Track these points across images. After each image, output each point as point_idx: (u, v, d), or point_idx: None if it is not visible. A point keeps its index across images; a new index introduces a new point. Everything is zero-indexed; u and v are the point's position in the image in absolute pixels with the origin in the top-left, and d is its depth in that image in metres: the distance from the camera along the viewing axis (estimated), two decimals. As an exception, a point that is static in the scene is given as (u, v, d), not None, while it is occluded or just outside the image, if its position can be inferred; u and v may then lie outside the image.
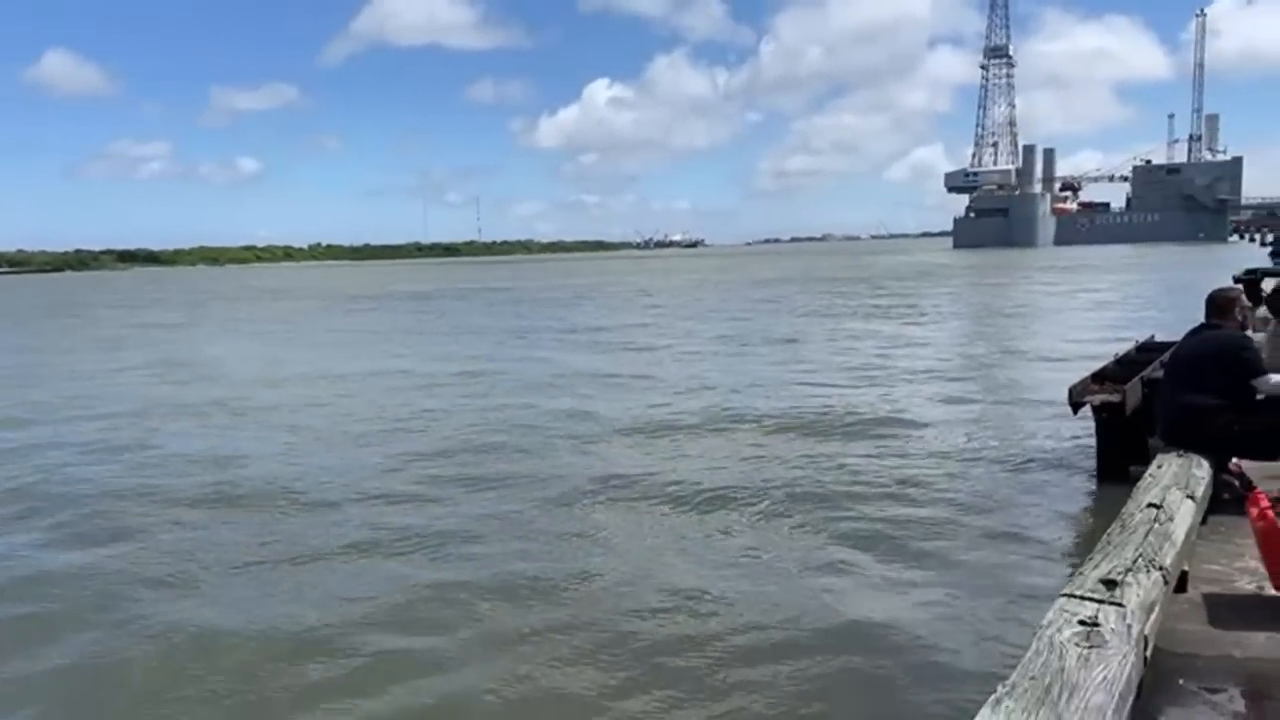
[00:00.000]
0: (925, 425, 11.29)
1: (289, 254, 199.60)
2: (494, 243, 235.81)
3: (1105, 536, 3.78)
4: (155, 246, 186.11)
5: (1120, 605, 3.04)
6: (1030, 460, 9.35)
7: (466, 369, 17.98)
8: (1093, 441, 8.72)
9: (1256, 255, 45.92)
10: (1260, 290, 17.12)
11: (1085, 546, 6.49)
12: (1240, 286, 6.28)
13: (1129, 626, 2.92)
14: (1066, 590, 3.18)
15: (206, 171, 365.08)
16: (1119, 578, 3.27)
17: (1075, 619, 2.94)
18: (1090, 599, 3.09)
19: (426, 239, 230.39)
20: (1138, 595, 3.16)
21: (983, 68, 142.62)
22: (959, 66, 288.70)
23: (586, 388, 15.01)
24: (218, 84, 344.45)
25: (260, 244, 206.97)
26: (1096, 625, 2.88)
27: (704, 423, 11.63)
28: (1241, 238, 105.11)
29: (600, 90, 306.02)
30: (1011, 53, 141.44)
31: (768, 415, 11.92)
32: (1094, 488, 8.24)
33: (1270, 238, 51.35)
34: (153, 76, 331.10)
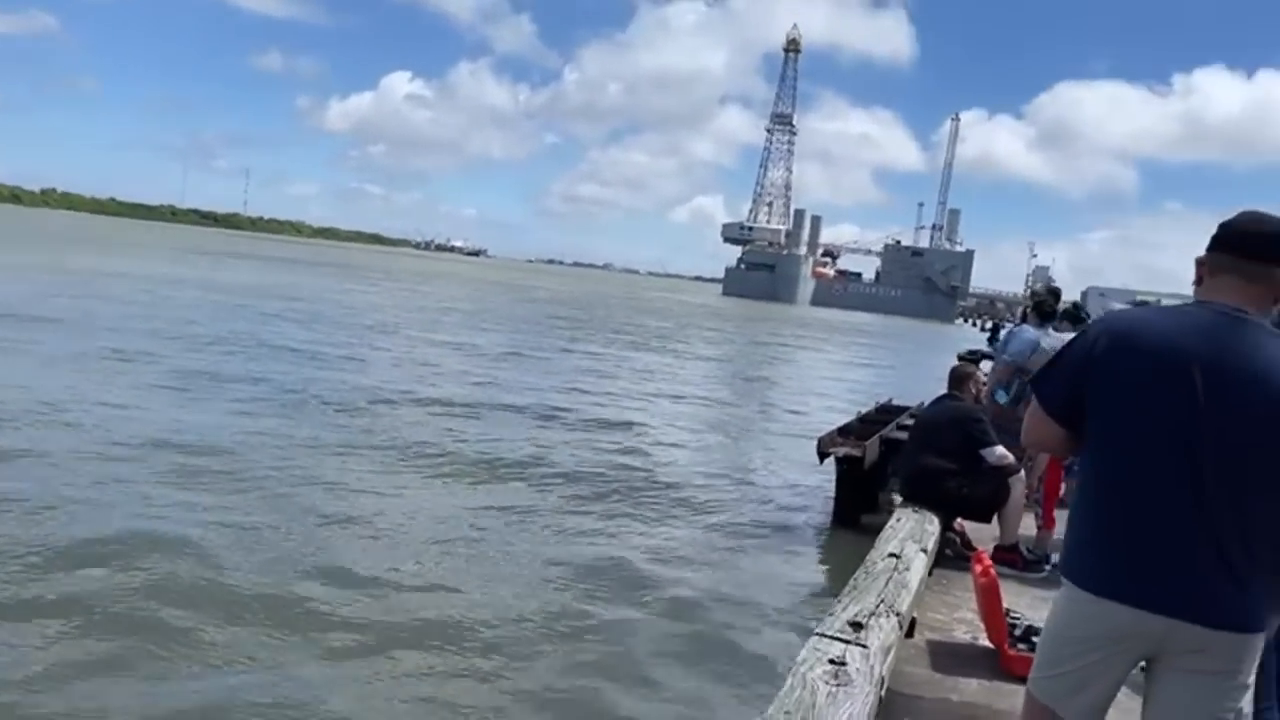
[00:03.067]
0: (674, 460, 11.68)
1: (16, 196, 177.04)
2: (261, 219, 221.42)
3: (852, 580, 4.05)
4: None
5: (864, 647, 3.25)
6: (771, 501, 9.89)
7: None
8: (827, 488, 9.42)
9: (977, 337, 51.69)
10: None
11: (824, 585, 6.99)
12: (976, 365, 7.03)
13: (871, 667, 3.12)
14: (819, 630, 3.36)
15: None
16: (864, 621, 3.50)
17: (825, 658, 3.11)
18: (839, 639, 3.28)
19: (184, 203, 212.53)
20: (879, 638, 3.39)
21: (768, 131, 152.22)
22: (744, 126, 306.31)
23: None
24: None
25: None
26: (844, 664, 3.06)
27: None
28: (966, 321, 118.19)
29: (399, 82, 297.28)
30: (795, 122, 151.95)
31: (497, 458, 11.82)
32: (828, 531, 8.84)
33: (990, 324, 58.14)
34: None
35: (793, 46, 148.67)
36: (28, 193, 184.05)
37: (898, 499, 6.57)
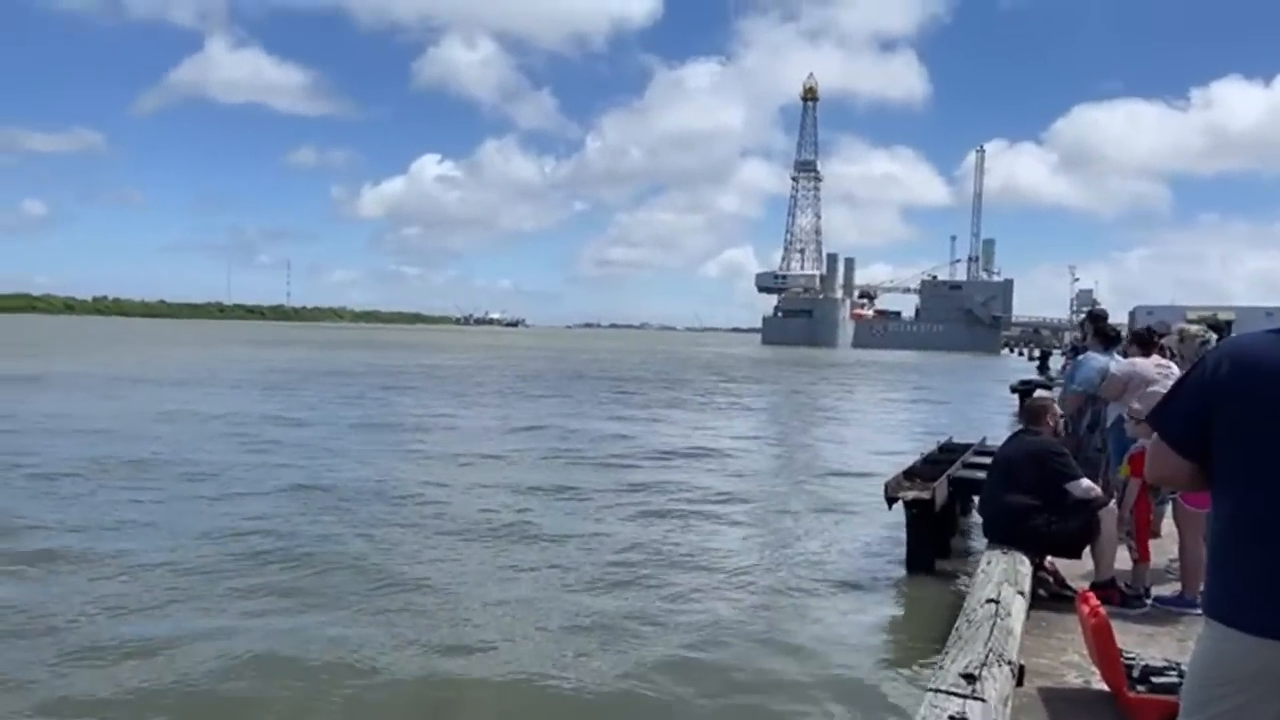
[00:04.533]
0: (739, 511, 11.57)
1: (69, 306, 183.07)
2: (304, 308, 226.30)
3: (955, 630, 3.93)
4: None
5: (983, 700, 3.14)
6: (842, 550, 9.72)
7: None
8: (896, 532, 9.23)
9: (1025, 367, 50.93)
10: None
11: (913, 633, 6.81)
12: (1052, 396, 6.86)
13: (994, 720, 3.02)
14: (932, 685, 3.25)
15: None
16: (976, 672, 3.38)
17: (945, 715, 3.00)
18: (955, 694, 3.17)
19: (230, 300, 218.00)
20: (995, 690, 3.27)
21: (793, 179, 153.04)
22: (767, 177, 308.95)
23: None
24: (9, 123, 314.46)
25: (37, 292, 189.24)
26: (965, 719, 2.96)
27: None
28: (1011, 351, 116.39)
29: (429, 165, 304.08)
30: (819, 168, 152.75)
31: (593, 485, 11.85)
32: (904, 576, 8.63)
33: (1037, 353, 57.23)
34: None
35: (810, 95, 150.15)
36: (80, 301, 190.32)
37: (975, 538, 6.41)
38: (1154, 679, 3.81)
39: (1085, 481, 5.51)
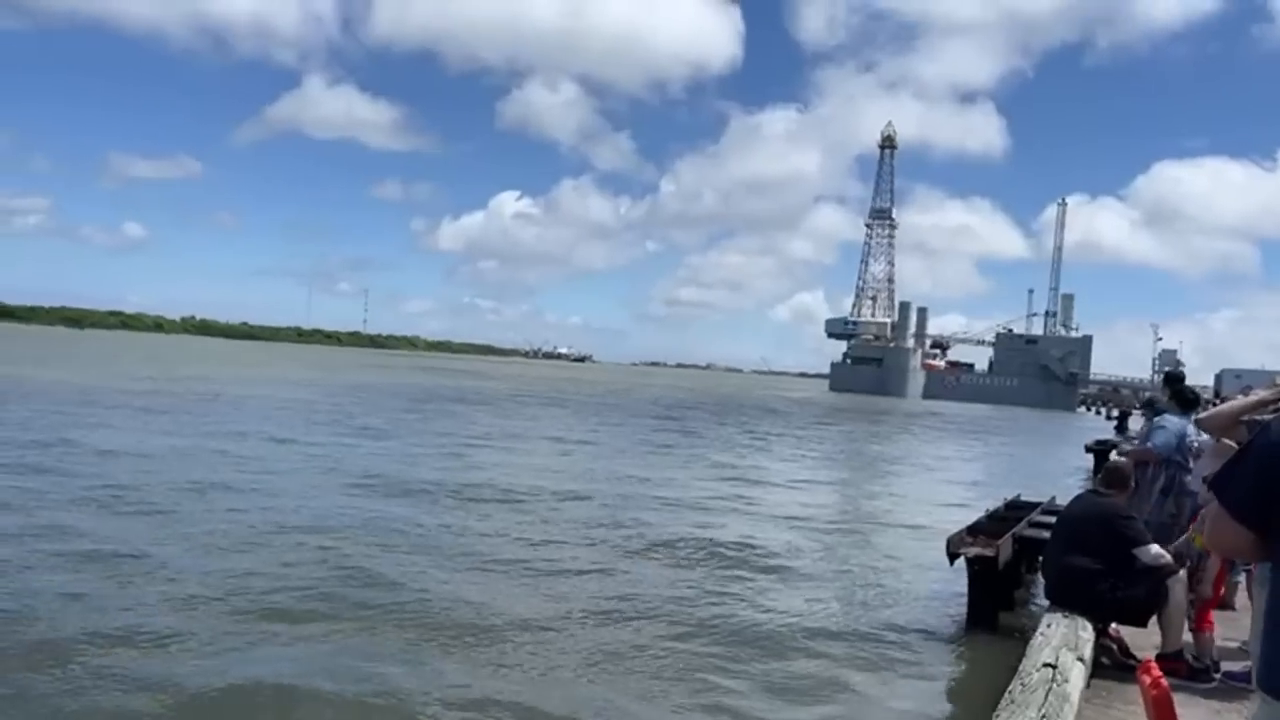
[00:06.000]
0: (800, 562, 11.43)
1: (159, 324, 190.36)
2: (379, 335, 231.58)
3: (1008, 694, 3.85)
4: (14, 302, 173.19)
5: (1034, 767, 3.08)
6: (902, 605, 9.53)
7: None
8: (958, 589, 9.00)
9: (1102, 426, 49.32)
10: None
11: (969, 692, 6.62)
12: (1130, 462, 6.67)
13: (1043, 789, 2.95)
14: (981, 748, 3.20)
15: (87, 233, 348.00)
16: (1028, 738, 3.32)
17: (992, 779, 2.96)
18: (1004, 758, 3.11)
19: (309, 324, 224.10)
20: (1047, 758, 3.20)
21: (867, 226, 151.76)
22: (840, 224, 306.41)
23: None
24: (117, 149, 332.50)
25: (130, 310, 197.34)
26: (1014, 786, 2.90)
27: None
28: (1088, 409, 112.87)
29: (507, 202, 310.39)
30: (894, 215, 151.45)
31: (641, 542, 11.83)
32: (964, 634, 8.42)
33: (1115, 412, 55.39)
34: (47, 134, 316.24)
35: (888, 143, 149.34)
36: (169, 321, 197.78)
37: (1040, 597, 6.25)
38: (1216, 756, 3.66)
39: (1155, 548, 5.34)
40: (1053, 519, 9.18)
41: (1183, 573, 5.41)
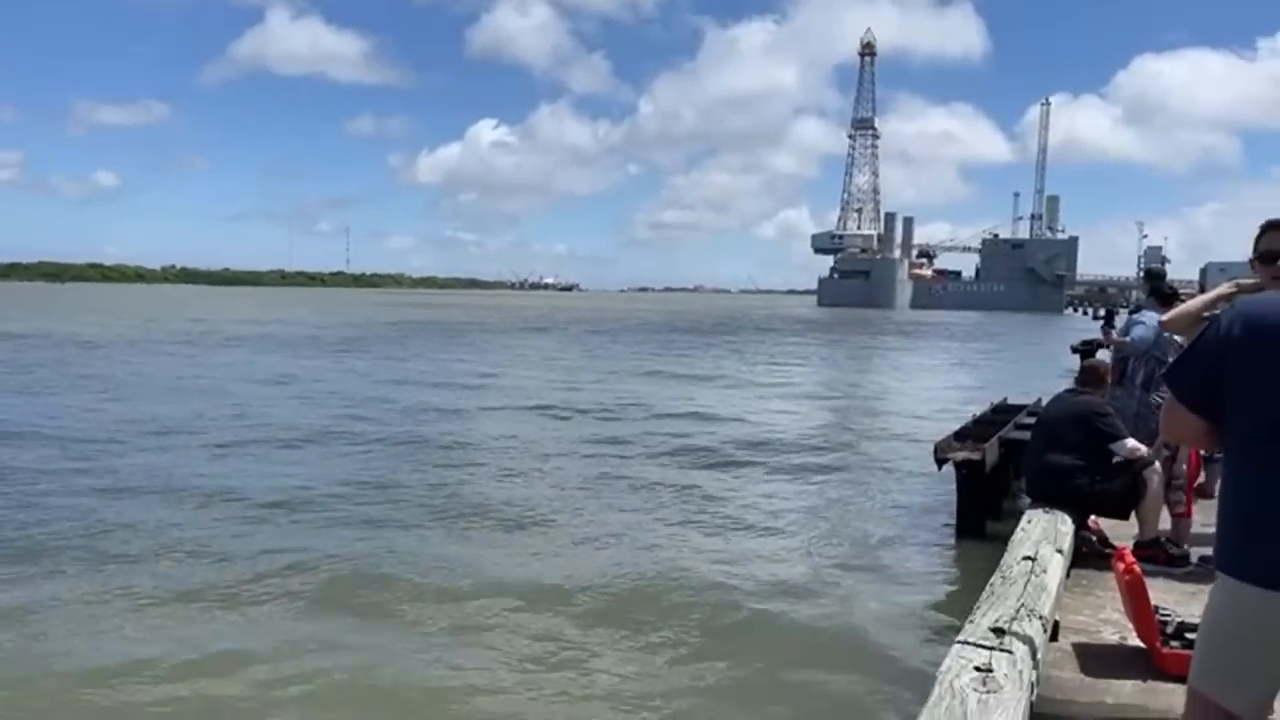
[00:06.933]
0: (793, 476, 11.67)
1: (140, 274, 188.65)
2: (363, 275, 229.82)
3: (989, 586, 3.99)
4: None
5: (1010, 652, 3.21)
6: (892, 511, 9.77)
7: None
8: (948, 494, 9.21)
9: (1089, 326, 49.66)
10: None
11: (956, 593, 6.85)
12: (1108, 357, 6.79)
13: (1019, 672, 3.08)
14: (961, 638, 3.33)
15: (58, 183, 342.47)
16: (1006, 626, 3.45)
17: (971, 665, 3.08)
18: (983, 646, 3.24)
19: (291, 267, 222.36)
20: (1024, 643, 3.34)
21: (850, 137, 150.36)
22: (823, 136, 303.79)
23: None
24: (83, 96, 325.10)
25: (109, 262, 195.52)
26: (991, 671, 3.03)
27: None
28: (1076, 310, 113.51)
29: (484, 131, 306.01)
30: (876, 125, 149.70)
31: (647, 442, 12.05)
32: (954, 539, 8.65)
33: (1102, 312, 55.79)
34: (11, 84, 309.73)
35: (868, 50, 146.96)
36: (150, 270, 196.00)
37: (1025, 500, 6.41)
38: (1188, 635, 3.83)
39: (1130, 441, 5.48)
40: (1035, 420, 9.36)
41: (1158, 464, 5.55)
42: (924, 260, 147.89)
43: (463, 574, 7.16)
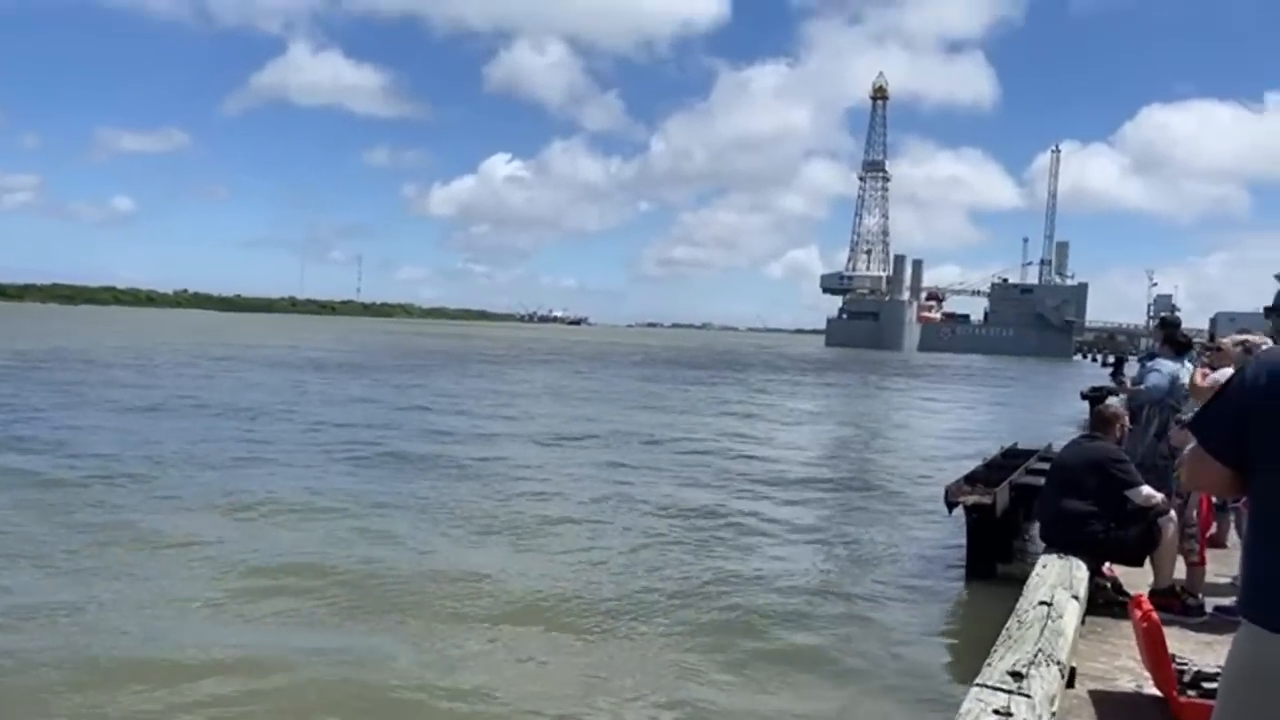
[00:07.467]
0: (802, 516, 11.64)
1: (151, 299, 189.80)
2: (374, 303, 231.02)
3: (1005, 630, 3.99)
4: (6, 280, 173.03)
5: (1029, 696, 3.22)
6: (901, 554, 9.73)
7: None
8: (956, 537, 9.18)
9: (1098, 374, 49.54)
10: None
11: (969, 636, 6.82)
12: (1121, 404, 6.81)
13: (1039, 716, 3.09)
14: (979, 680, 3.33)
15: (76, 208, 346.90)
16: (1024, 670, 3.46)
17: (990, 708, 3.09)
18: (1001, 689, 3.25)
19: (302, 294, 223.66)
20: (1042, 688, 3.34)
21: (860, 179, 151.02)
22: (833, 178, 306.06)
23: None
24: (105, 123, 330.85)
25: (122, 286, 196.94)
26: (1010, 715, 3.03)
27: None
28: (1084, 356, 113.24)
29: (498, 165, 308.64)
30: (887, 168, 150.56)
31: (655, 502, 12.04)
32: (963, 583, 8.61)
33: (1111, 359, 55.60)
34: (36, 110, 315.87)
35: (880, 94, 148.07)
36: (162, 294, 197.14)
37: (1037, 544, 6.41)
38: (1205, 684, 3.83)
39: (1146, 489, 5.48)
40: (1049, 465, 9.36)
41: (1173, 512, 5.56)
42: (933, 303, 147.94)
43: (497, 580, 7.61)
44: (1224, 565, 6.01)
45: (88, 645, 5.92)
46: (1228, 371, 6.44)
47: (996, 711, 3.06)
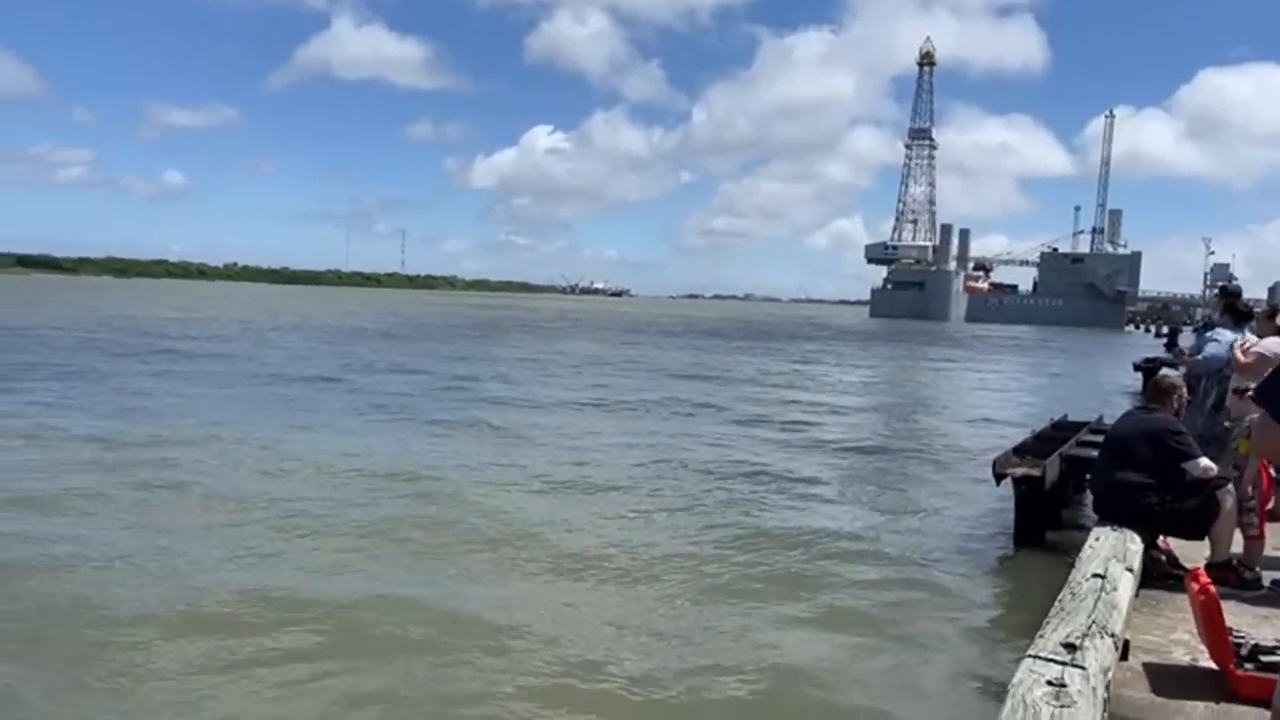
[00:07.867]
0: (847, 484, 11.66)
1: (202, 271, 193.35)
2: (417, 276, 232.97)
3: (1058, 602, 3.97)
4: (61, 254, 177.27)
5: (1082, 668, 3.20)
6: (951, 524, 9.68)
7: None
8: (1006, 505, 9.12)
9: (1151, 344, 48.50)
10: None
11: (1017, 606, 6.79)
12: (1178, 375, 6.65)
13: (1093, 689, 3.08)
14: (1032, 651, 3.33)
15: (128, 182, 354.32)
16: (1078, 642, 3.44)
17: (1043, 679, 3.09)
18: (1055, 660, 3.24)
19: (348, 267, 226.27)
20: (1096, 659, 3.33)
21: (906, 147, 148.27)
22: (877, 146, 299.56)
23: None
24: (155, 99, 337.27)
25: (174, 259, 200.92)
26: (1064, 686, 3.03)
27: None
28: (1137, 327, 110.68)
29: (540, 137, 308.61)
30: (934, 136, 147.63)
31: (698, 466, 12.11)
32: (1012, 552, 8.56)
33: (1165, 330, 54.28)
34: (87, 85, 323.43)
35: (926, 60, 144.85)
36: (212, 268, 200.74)
37: (1087, 513, 6.34)
38: (1263, 657, 3.78)
39: (1204, 461, 5.38)
40: (1100, 438, 9.23)
41: (1232, 484, 5.45)
42: (980, 273, 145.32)
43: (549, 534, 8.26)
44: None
45: (177, 592, 6.38)
46: (1272, 342, 6.29)
47: (1050, 682, 3.06)
